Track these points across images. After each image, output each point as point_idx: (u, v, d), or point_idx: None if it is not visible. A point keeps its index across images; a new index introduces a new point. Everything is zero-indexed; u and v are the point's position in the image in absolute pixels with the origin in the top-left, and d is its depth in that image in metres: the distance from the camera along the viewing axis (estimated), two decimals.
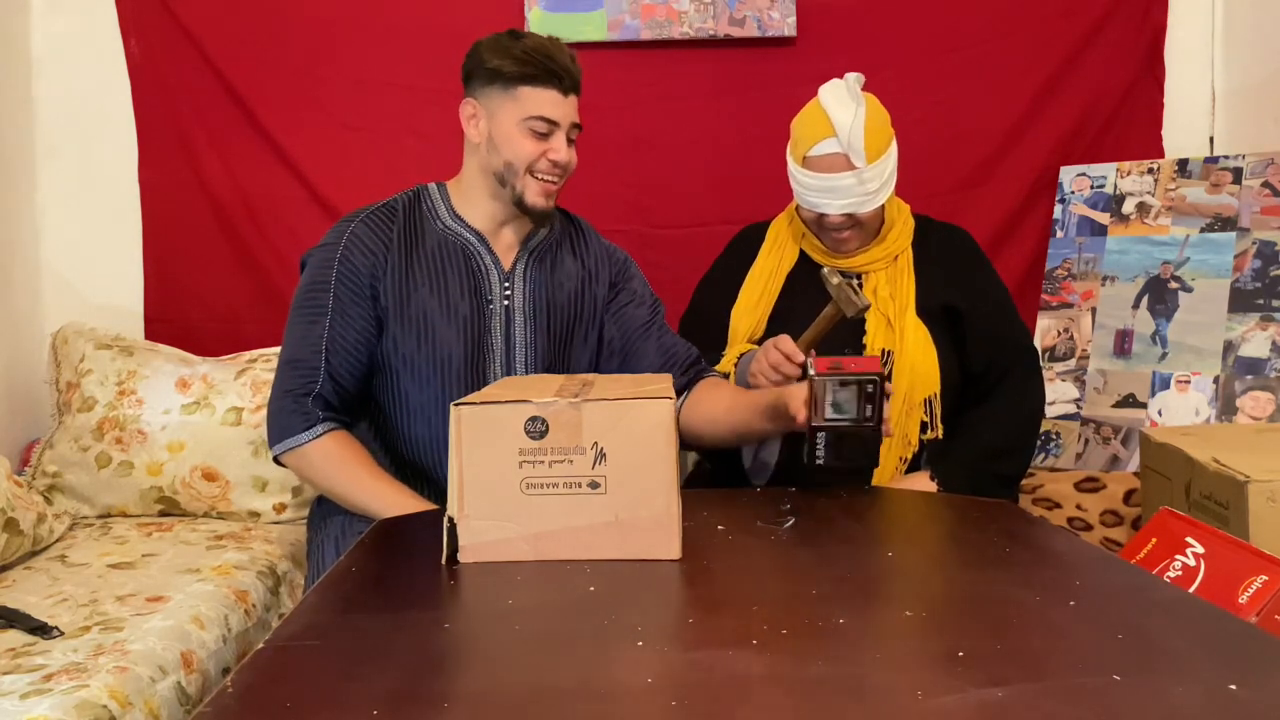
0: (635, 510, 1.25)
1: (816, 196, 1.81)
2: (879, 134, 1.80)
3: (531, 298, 1.80)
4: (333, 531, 1.75)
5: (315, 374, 1.73)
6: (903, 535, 1.52)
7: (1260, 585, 1.34)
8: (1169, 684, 0.90)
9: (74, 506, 2.33)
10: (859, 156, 1.76)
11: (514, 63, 1.70)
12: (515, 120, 1.72)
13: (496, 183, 1.76)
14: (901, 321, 1.85)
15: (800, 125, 1.84)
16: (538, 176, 1.74)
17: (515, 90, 1.71)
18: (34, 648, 1.55)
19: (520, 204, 1.76)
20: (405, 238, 1.77)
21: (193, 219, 2.69)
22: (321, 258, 1.77)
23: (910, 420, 1.83)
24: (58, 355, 2.51)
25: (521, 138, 1.72)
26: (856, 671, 0.94)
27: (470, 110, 1.77)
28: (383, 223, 1.78)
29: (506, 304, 1.79)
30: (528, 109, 1.71)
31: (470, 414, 1.25)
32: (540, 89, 1.71)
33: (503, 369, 1.78)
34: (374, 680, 0.93)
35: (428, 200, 1.82)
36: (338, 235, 1.77)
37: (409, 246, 1.77)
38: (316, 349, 1.73)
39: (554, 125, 1.73)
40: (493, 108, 1.74)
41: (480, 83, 1.75)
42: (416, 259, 1.76)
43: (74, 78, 2.69)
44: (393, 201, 1.82)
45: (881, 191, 1.81)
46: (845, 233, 1.85)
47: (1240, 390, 2.32)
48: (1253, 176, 2.42)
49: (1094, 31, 2.65)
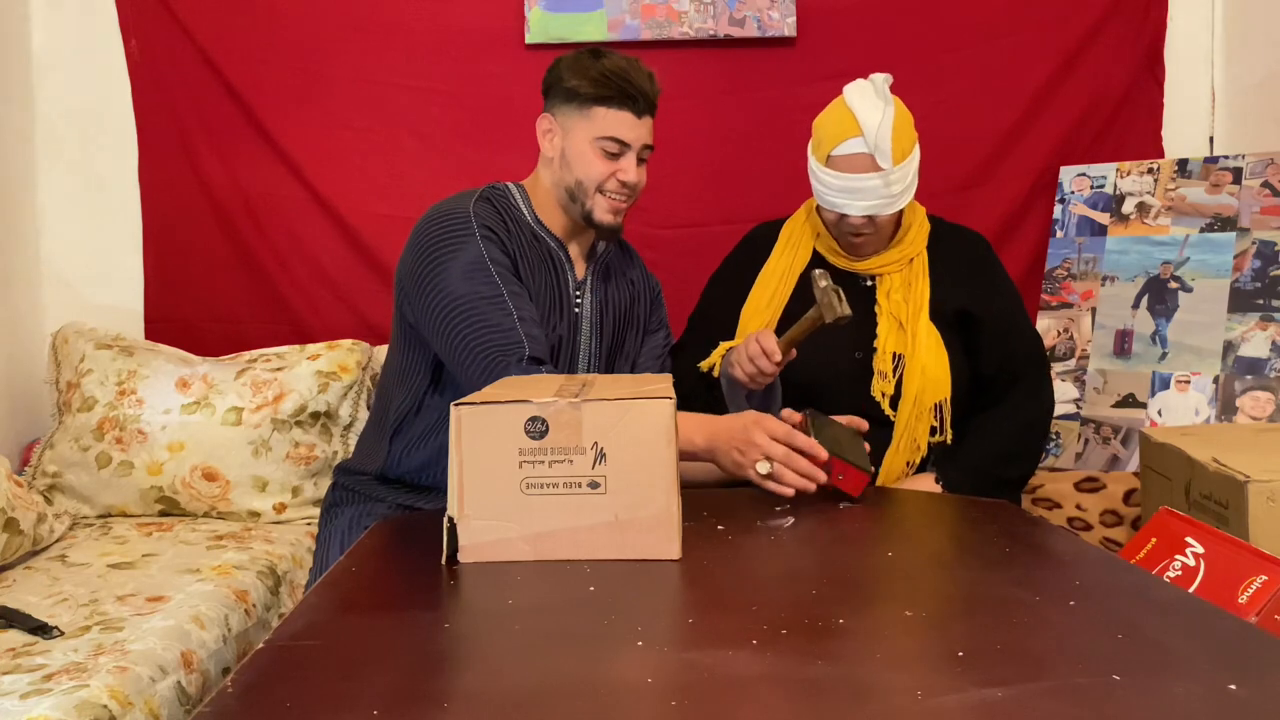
0: (635, 510, 1.25)
1: (839, 197, 1.79)
2: (905, 136, 1.79)
3: (598, 308, 1.83)
4: (340, 525, 1.76)
5: (517, 336, 1.62)
6: (903, 535, 1.52)
7: (1260, 585, 1.35)
8: (1169, 684, 0.90)
9: (74, 506, 2.33)
10: (885, 158, 1.75)
11: (591, 83, 1.71)
12: (588, 139, 1.73)
13: (568, 197, 1.77)
14: (914, 325, 1.84)
15: (824, 124, 1.82)
16: (607, 195, 1.75)
17: (590, 110, 1.72)
18: (34, 648, 1.55)
19: (589, 220, 1.77)
20: (508, 227, 1.75)
21: (193, 219, 2.70)
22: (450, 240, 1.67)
23: (920, 425, 1.82)
24: (58, 355, 2.51)
25: (593, 156, 1.73)
26: (856, 671, 0.94)
27: (546, 125, 1.78)
28: (489, 209, 1.74)
29: (577, 311, 1.81)
30: (600, 129, 1.72)
31: (470, 414, 1.25)
32: (614, 110, 1.72)
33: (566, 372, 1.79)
34: (374, 680, 0.93)
35: (511, 198, 1.81)
36: (460, 217, 1.69)
37: (513, 236, 1.75)
38: (505, 319, 1.63)
39: (625, 146, 1.74)
40: (568, 125, 1.75)
41: (558, 99, 1.76)
42: (520, 251, 1.75)
43: (74, 78, 2.69)
44: (480, 191, 1.78)
45: (905, 194, 1.80)
46: (864, 236, 1.84)
47: (1240, 390, 2.32)
48: (1253, 176, 2.42)
49: (1094, 31, 2.65)
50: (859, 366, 1.84)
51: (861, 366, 1.84)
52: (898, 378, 1.82)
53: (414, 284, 1.69)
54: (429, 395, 1.76)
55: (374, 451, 1.81)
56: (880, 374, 1.83)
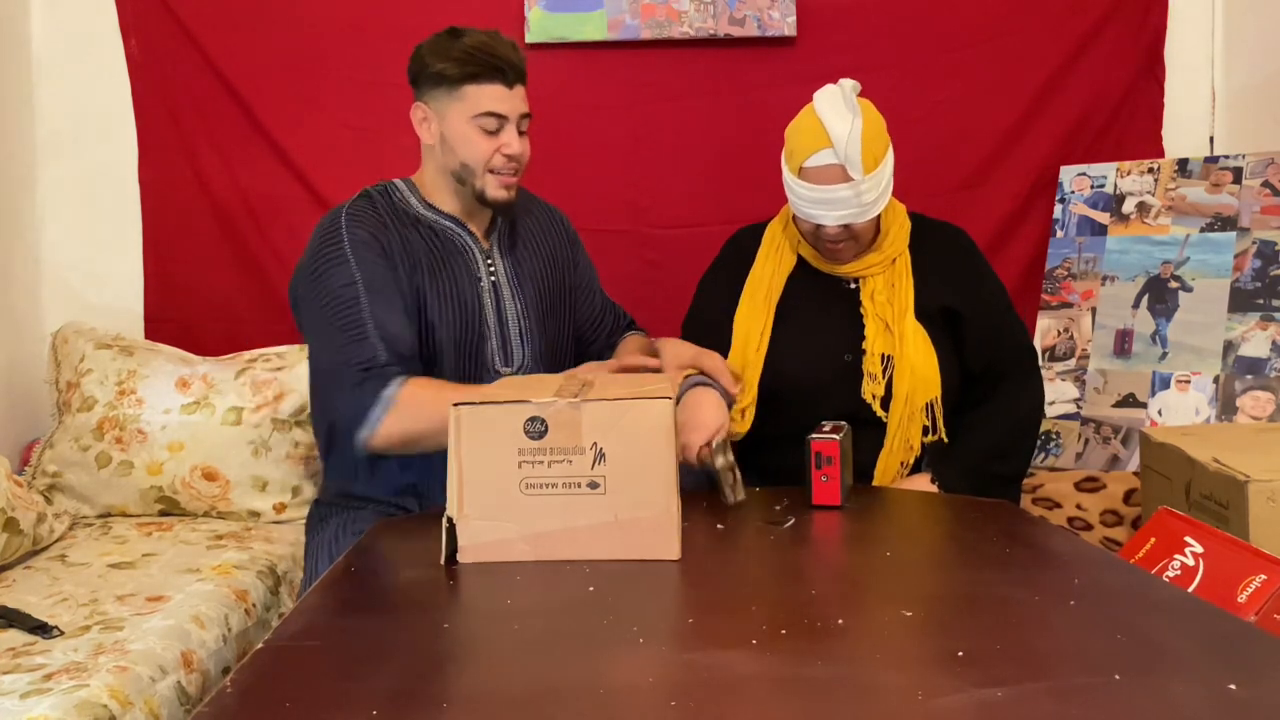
0: (635, 510, 1.25)
1: (812, 208, 1.80)
2: (875, 143, 1.79)
3: (513, 271, 1.84)
4: (327, 536, 1.75)
5: (370, 349, 1.63)
6: (902, 535, 1.52)
7: (1259, 585, 1.34)
8: (1169, 684, 0.90)
9: (74, 506, 2.33)
10: (856, 168, 1.75)
11: (455, 64, 1.71)
12: (464, 119, 1.73)
13: (456, 181, 1.77)
14: (901, 326, 1.84)
15: (795, 135, 1.83)
16: (495, 172, 1.75)
17: (460, 90, 1.72)
18: (34, 647, 1.55)
19: (482, 199, 1.77)
20: (393, 220, 1.76)
21: (193, 219, 2.69)
22: (323, 255, 1.71)
23: (912, 425, 1.82)
24: (58, 355, 2.51)
25: (473, 135, 1.73)
26: (856, 671, 0.94)
27: (421, 114, 1.78)
28: (368, 208, 1.76)
29: (493, 280, 1.80)
30: (474, 107, 1.72)
31: (470, 414, 1.25)
32: (484, 85, 1.72)
33: (499, 346, 1.79)
34: (374, 680, 0.93)
35: (396, 192, 1.81)
36: (332, 225, 1.73)
37: (398, 228, 1.75)
38: (360, 329, 1.64)
39: (503, 119, 1.73)
40: (441, 109, 1.75)
41: (426, 86, 1.76)
42: (407, 241, 1.75)
43: (74, 78, 2.69)
44: (364, 193, 1.80)
45: (879, 201, 1.80)
46: (841, 244, 1.84)
47: (1240, 390, 2.32)
48: (1253, 176, 2.42)
49: (1094, 31, 2.65)
50: (848, 369, 1.84)
51: (851, 369, 1.84)
52: (887, 379, 1.82)
53: (295, 304, 1.76)
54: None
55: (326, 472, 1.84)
56: (870, 376, 1.83)
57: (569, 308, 1.93)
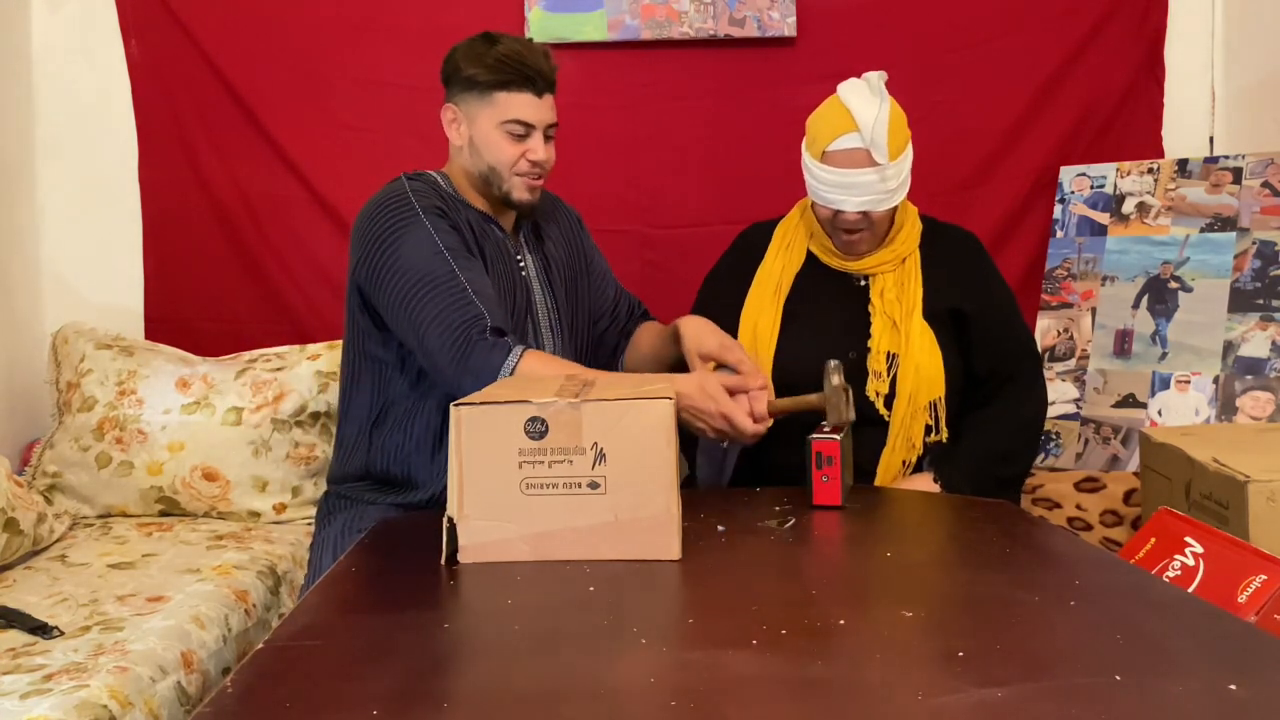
0: (635, 510, 1.25)
1: (834, 193, 1.79)
2: (900, 132, 1.79)
3: (541, 265, 1.89)
4: (333, 531, 1.76)
5: (477, 311, 1.63)
6: (902, 535, 1.52)
7: (1259, 585, 1.34)
8: (1169, 684, 0.90)
9: (74, 506, 2.33)
10: (881, 153, 1.75)
11: (488, 70, 1.75)
12: (493, 124, 1.77)
13: (483, 182, 1.81)
14: (907, 324, 1.84)
15: (819, 120, 1.83)
16: (520, 175, 1.79)
17: (491, 96, 1.76)
18: (34, 648, 1.55)
19: (508, 201, 1.81)
20: (446, 201, 1.78)
21: (193, 219, 2.69)
22: (398, 223, 1.70)
23: (915, 424, 1.83)
24: (58, 355, 2.51)
25: (500, 140, 1.77)
26: (856, 671, 0.94)
27: (450, 115, 1.82)
28: (424, 186, 1.78)
29: (524, 274, 1.85)
30: (504, 113, 1.76)
31: (470, 414, 1.25)
32: (515, 93, 1.76)
33: (533, 336, 1.82)
34: (374, 680, 0.93)
35: (437, 183, 1.83)
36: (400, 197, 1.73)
37: (452, 209, 1.77)
38: (462, 296, 1.64)
39: (530, 127, 1.77)
40: (471, 113, 1.78)
41: (458, 89, 1.80)
42: (461, 221, 1.77)
43: (74, 78, 2.69)
44: (409, 174, 1.81)
45: (899, 191, 1.81)
46: (858, 234, 1.84)
47: (1240, 390, 2.32)
48: (1253, 176, 2.42)
49: (1094, 31, 2.65)
50: (853, 367, 1.84)
51: (855, 367, 1.84)
52: (892, 377, 1.83)
53: (370, 275, 1.72)
54: (397, 388, 1.78)
55: (353, 452, 1.82)
56: (874, 374, 1.83)
57: (588, 301, 1.97)
